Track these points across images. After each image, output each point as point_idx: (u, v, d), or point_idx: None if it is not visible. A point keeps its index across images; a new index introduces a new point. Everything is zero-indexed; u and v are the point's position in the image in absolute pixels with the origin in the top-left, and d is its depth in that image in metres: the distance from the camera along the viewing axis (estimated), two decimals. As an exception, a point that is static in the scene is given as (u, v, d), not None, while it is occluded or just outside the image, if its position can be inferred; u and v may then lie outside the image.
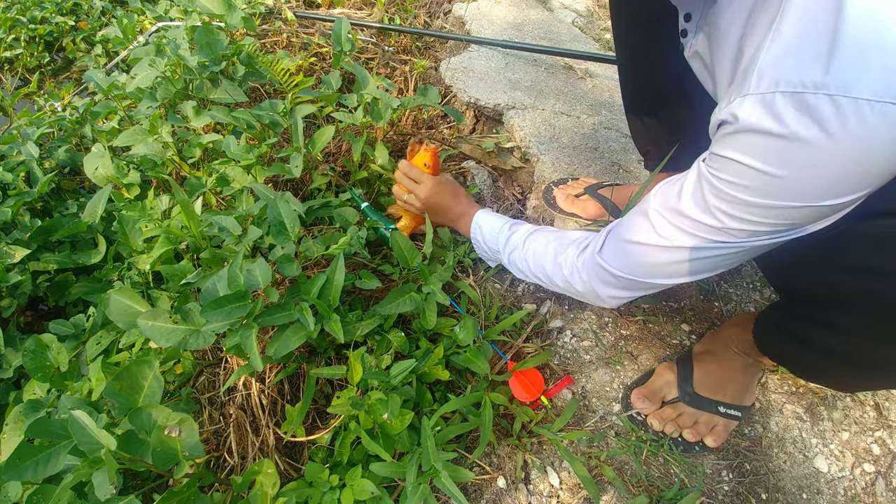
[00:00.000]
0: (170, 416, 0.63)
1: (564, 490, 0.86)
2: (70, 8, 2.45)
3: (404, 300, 0.88)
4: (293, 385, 0.94)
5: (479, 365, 0.89)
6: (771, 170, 0.48)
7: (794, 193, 0.49)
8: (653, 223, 0.65)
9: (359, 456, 0.82)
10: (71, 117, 1.43)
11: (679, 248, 0.63)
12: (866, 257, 0.51)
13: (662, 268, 0.68)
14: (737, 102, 0.49)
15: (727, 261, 0.62)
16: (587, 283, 0.79)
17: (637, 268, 0.71)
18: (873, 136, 0.43)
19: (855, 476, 0.87)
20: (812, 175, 0.47)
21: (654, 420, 0.90)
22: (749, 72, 0.49)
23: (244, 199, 1.01)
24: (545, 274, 0.87)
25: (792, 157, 0.47)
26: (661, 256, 0.66)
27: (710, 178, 0.55)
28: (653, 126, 1.01)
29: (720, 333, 0.92)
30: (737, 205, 0.53)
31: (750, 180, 0.51)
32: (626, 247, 0.71)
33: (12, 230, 1.11)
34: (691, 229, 0.60)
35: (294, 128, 1.06)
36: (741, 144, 0.50)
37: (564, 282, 0.83)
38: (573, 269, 0.81)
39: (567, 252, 0.83)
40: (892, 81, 0.41)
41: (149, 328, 0.71)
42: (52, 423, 0.60)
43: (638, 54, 0.95)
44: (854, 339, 0.57)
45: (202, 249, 0.91)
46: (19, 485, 0.68)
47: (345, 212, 1.04)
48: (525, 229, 0.94)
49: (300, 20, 1.88)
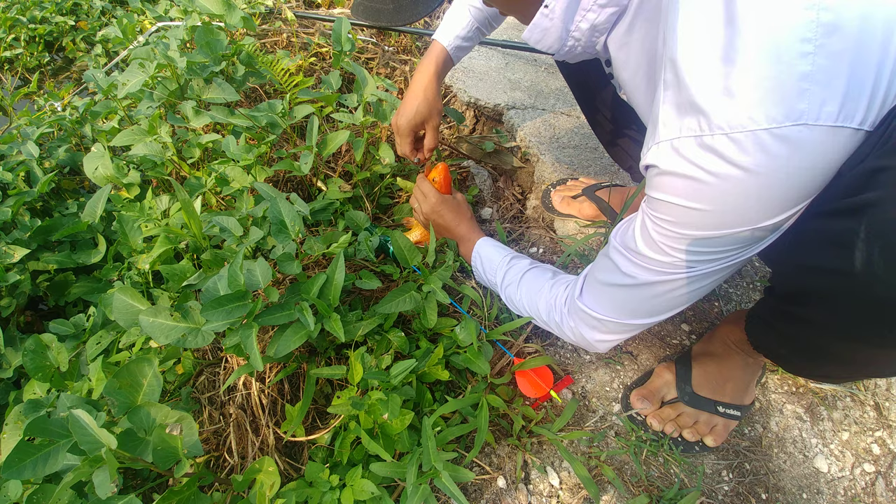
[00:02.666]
0: (169, 414, 0.63)
1: (564, 490, 0.86)
2: (70, 8, 2.45)
3: (404, 299, 0.88)
4: (293, 385, 0.94)
5: (480, 365, 0.89)
6: (696, 205, 0.52)
7: (725, 222, 0.53)
8: (617, 264, 0.67)
9: (359, 456, 0.82)
10: (71, 117, 1.44)
11: (647, 285, 0.65)
12: (821, 257, 0.52)
13: (638, 305, 0.70)
14: (653, 150, 0.54)
15: (699, 289, 0.64)
16: (575, 329, 0.80)
17: (615, 309, 0.72)
18: (780, 160, 0.47)
19: (855, 476, 0.87)
20: (735, 204, 0.51)
21: (653, 420, 0.90)
22: (655, 122, 0.53)
23: (244, 199, 1.01)
24: (539, 315, 0.88)
25: (710, 192, 0.51)
26: (633, 294, 0.68)
27: (651, 217, 0.59)
28: (625, 144, 1.05)
29: (718, 332, 0.92)
30: (679, 239, 0.57)
31: (681, 216, 0.55)
32: (601, 289, 0.73)
33: (12, 230, 1.11)
34: (651, 266, 0.63)
35: (309, 129, 1.06)
36: (665, 186, 0.54)
37: (557, 326, 0.84)
38: (562, 315, 0.82)
39: (557, 297, 0.84)
40: (787, 107, 0.45)
41: (149, 324, 0.71)
42: (51, 422, 0.60)
43: (592, 101, 1.02)
44: (824, 333, 0.58)
45: (202, 249, 0.91)
46: (19, 484, 0.68)
47: (355, 215, 1.05)
48: (522, 267, 0.94)
49: (300, 20, 1.89)
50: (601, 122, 1.05)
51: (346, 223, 1.04)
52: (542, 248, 1.21)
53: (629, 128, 0.99)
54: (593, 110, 1.04)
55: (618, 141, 1.03)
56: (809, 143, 0.46)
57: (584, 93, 1.03)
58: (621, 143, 1.03)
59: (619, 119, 0.99)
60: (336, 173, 1.26)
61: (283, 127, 1.10)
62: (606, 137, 1.07)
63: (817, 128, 0.45)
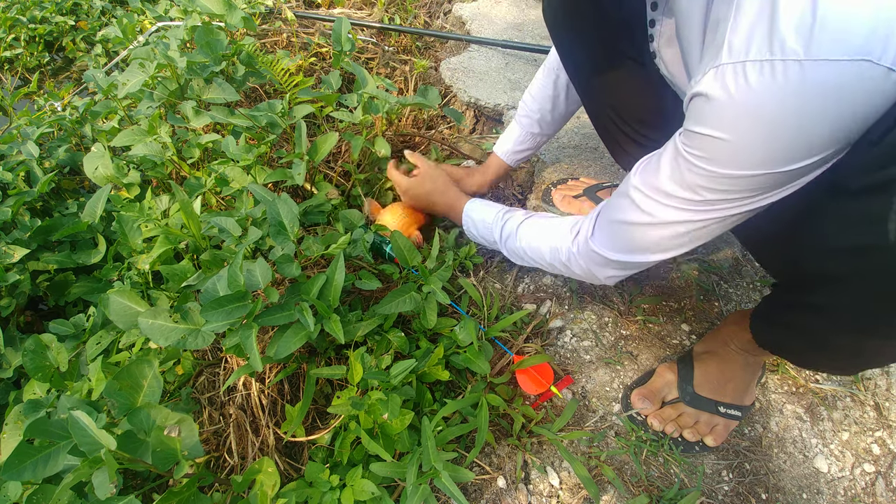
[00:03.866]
0: (169, 415, 0.63)
1: (564, 490, 0.86)
2: (70, 8, 2.45)
3: (404, 299, 0.88)
4: (293, 385, 0.94)
5: (480, 365, 0.89)
6: (740, 137, 0.51)
7: (751, 159, 0.52)
8: (636, 202, 0.67)
9: (359, 456, 0.82)
10: (71, 117, 1.43)
11: (665, 224, 0.65)
12: (848, 237, 0.51)
13: (653, 244, 0.69)
14: (709, 75, 0.52)
15: (710, 231, 0.64)
16: (584, 268, 0.81)
17: (629, 247, 0.72)
18: (840, 92, 0.45)
19: (855, 476, 0.87)
20: (780, 137, 0.50)
21: (654, 420, 0.90)
22: (719, 45, 0.51)
23: (244, 200, 1.00)
24: (544, 261, 0.89)
25: (760, 122, 0.49)
26: (649, 233, 0.68)
27: (685, 153, 0.58)
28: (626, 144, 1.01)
29: (719, 332, 0.92)
30: (710, 177, 0.56)
31: (720, 151, 0.54)
32: (615, 228, 0.73)
33: (12, 230, 1.11)
34: (674, 204, 0.62)
35: (297, 134, 1.06)
36: (713, 115, 0.53)
37: (563, 266, 0.85)
38: (569, 255, 0.82)
39: (561, 238, 0.84)
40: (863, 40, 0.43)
41: (148, 326, 0.71)
42: (51, 423, 0.60)
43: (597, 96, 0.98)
44: (838, 320, 0.58)
45: (202, 250, 0.91)
46: (19, 484, 0.68)
47: (350, 214, 1.05)
48: (518, 217, 0.95)
49: (300, 20, 1.88)
50: (604, 118, 1.03)
51: (341, 222, 1.04)
52: (542, 248, 1.21)
53: (632, 127, 0.98)
54: (597, 106, 1.02)
55: (617, 137, 1.02)
56: (869, 82, 0.44)
57: (588, 87, 1.01)
58: (621, 140, 1.02)
59: (625, 116, 0.98)
60: (336, 172, 1.26)
61: (283, 127, 1.10)
62: (605, 132, 1.06)
63: (878, 67, 0.44)
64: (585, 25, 0.85)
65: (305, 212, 1.05)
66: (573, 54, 0.94)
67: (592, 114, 1.04)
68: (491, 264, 1.18)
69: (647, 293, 1.11)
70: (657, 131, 0.94)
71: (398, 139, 1.48)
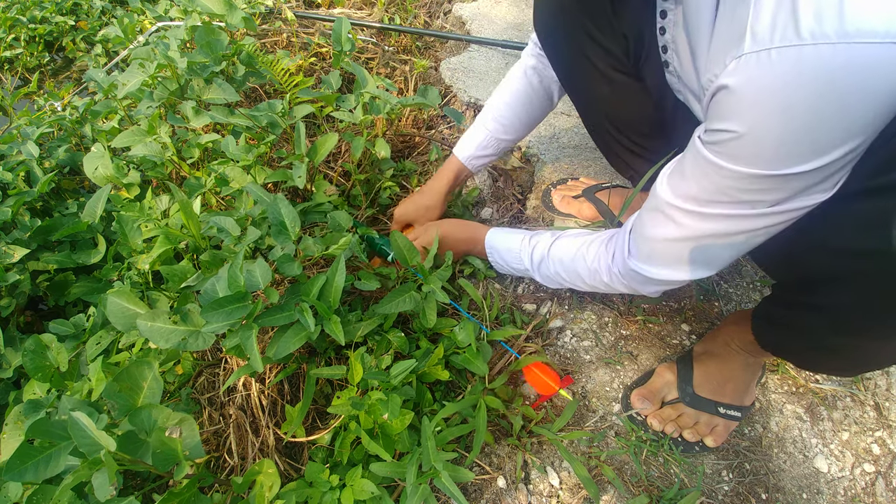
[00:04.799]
0: (170, 416, 0.63)
1: (564, 490, 0.86)
2: (70, 8, 2.45)
3: (404, 299, 0.88)
4: (293, 385, 0.94)
5: (479, 366, 0.89)
6: (749, 129, 0.49)
7: (783, 152, 0.49)
8: (671, 216, 0.63)
9: (359, 456, 0.82)
10: (71, 117, 1.43)
11: (705, 236, 0.61)
12: (851, 239, 0.51)
13: (696, 258, 0.66)
14: (732, 66, 0.49)
15: (755, 239, 0.60)
16: (628, 286, 0.78)
17: (672, 265, 0.69)
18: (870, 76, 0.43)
19: (855, 476, 0.87)
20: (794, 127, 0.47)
21: (653, 420, 0.90)
22: (740, 35, 0.48)
23: (244, 200, 1.00)
24: (584, 282, 0.86)
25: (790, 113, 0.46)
26: (691, 247, 0.64)
27: (708, 155, 0.54)
28: (624, 154, 1.01)
29: (719, 332, 0.92)
30: (739, 178, 0.53)
31: (747, 147, 0.50)
32: (653, 246, 0.69)
33: (12, 230, 1.11)
34: (711, 211, 0.58)
35: (296, 135, 1.05)
36: (729, 109, 0.50)
37: (606, 286, 0.82)
38: (611, 275, 0.79)
39: (599, 259, 0.81)
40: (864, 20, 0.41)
41: (148, 329, 0.71)
42: (52, 424, 0.60)
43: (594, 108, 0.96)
44: (841, 321, 0.57)
45: (202, 250, 0.91)
46: (19, 485, 0.68)
47: (338, 216, 1.03)
48: (545, 240, 0.91)
49: (300, 20, 1.88)
50: (601, 130, 1.01)
51: (330, 226, 1.02)
52: (542, 248, 1.21)
53: (630, 138, 0.96)
54: (594, 119, 1.00)
55: (616, 149, 1.01)
56: None
57: (584, 99, 0.99)
58: (619, 151, 1.00)
59: (622, 128, 0.95)
60: (336, 173, 1.26)
61: (283, 127, 1.10)
62: (604, 144, 1.05)
63: None
64: (581, 38, 0.83)
65: (304, 211, 1.05)
66: (568, 66, 0.91)
67: (589, 125, 1.03)
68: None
69: (647, 293, 1.11)
70: (655, 142, 0.93)
71: (398, 139, 1.48)
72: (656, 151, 0.93)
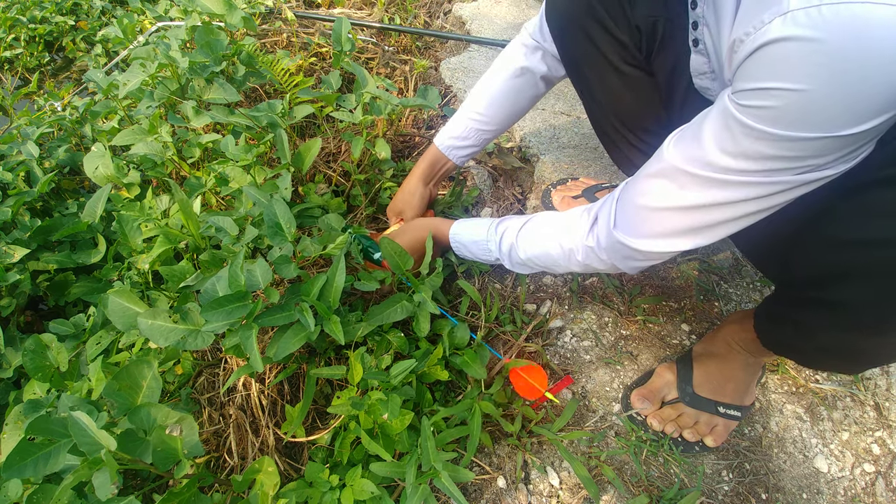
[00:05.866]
0: (169, 415, 0.63)
1: (564, 490, 0.86)
2: (70, 8, 2.45)
3: (396, 309, 0.88)
4: (293, 385, 0.94)
5: (476, 369, 0.88)
6: (796, 86, 0.46)
7: (819, 116, 0.47)
8: (676, 183, 0.60)
9: (359, 456, 0.82)
10: (71, 117, 1.43)
11: (709, 206, 0.59)
12: (868, 230, 0.50)
13: (691, 230, 0.63)
14: (777, 22, 0.46)
15: (760, 211, 0.58)
16: (607, 262, 0.74)
17: (664, 236, 0.65)
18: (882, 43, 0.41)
19: (855, 476, 0.87)
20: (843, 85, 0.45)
21: (653, 420, 0.90)
22: None
23: (244, 200, 1.00)
24: (557, 265, 0.83)
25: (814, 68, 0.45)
26: (691, 218, 0.61)
27: (740, 116, 0.51)
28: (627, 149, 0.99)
29: (719, 332, 0.92)
30: (773, 140, 0.50)
31: (782, 107, 0.48)
32: (647, 215, 0.65)
33: (12, 230, 1.11)
34: (727, 178, 0.55)
35: (279, 146, 1.04)
36: (774, 66, 0.47)
37: (581, 265, 0.79)
38: (587, 252, 0.76)
39: (572, 236, 0.78)
40: None
41: (148, 327, 0.71)
42: (52, 422, 0.60)
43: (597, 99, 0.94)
44: (854, 314, 0.56)
45: (202, 250, 0.91)
46: (20, 484, 0.68)
47: (329, 218, 1.03)
48: (514, 226, 0.89)
49: (300, 20, 1.88)
50: (607, 125, 0.99)
51: (322, 229, 1.01)
52: (542, 248, 1.21)
53: (636, 135, 0.94)
54: (601, 113, 0.98)
55: (620, 144, 1.01)
56: None
57: (592, 94, 0.96)
58: (623, 147, 0.99)
59: (629, 125, 0.93)
60: (336, 173, 1.26)
61: (283, 127, 1.10)
62: (608, 139, 1.03)
63: None
64: (594, 29, 0.81)
65: (299, 213, 1.05)
66: (578, 57, 0.90)
67: (595, 120, 1.01)
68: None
69: (647, 293, 1.11)
70: (659, 139, 0.91)
71: (398, 139, 1.48)
72: None
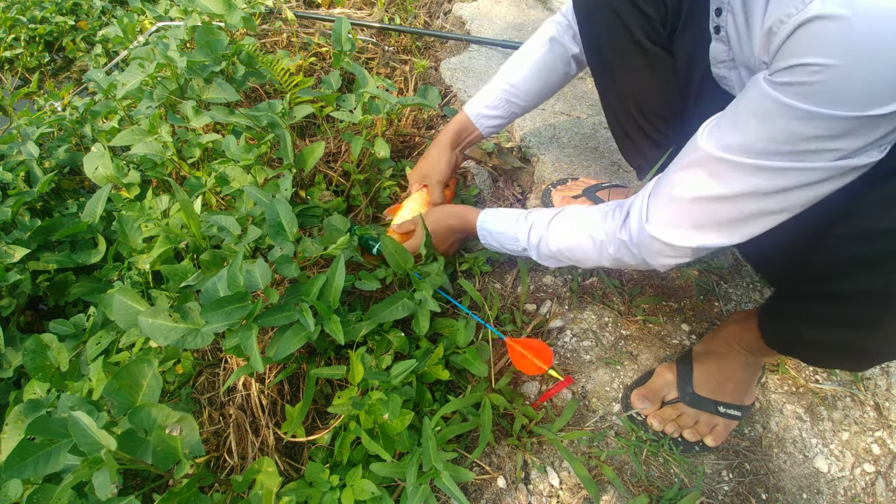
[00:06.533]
0: (169, 414, 0.63)
1: (564, 490, 0.86)
2: (70, 8, 2.45)
3: (397, 307, 0.88)
4: (293, 385, 0.94)
5: (478, 367, 0.89)
6: (830, 61, 0.46)
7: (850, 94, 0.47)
8: (712, 172, 0.58)
9: (359, 456, 0.82)
10: (71, 117, 1.43)
11: (747, 195, 0.57)
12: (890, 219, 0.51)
13: (728, 222, 0.61)
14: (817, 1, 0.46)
15: (792, 206, 0.57)
16: (638, 257, 0.72)
17: (696, 229, 0.63)
18: None
19: (855, 476, 0.87)
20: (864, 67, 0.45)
21: (653, 420, 0.90)
22: None
23: (244, 199, 1.00)
24: (588, 258, 0.81)
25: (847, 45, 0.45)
26: (725, 209, 0.59)
27: (780, 96, 0.51)
28: (639, 139, 0.98)
29: (720, 332, 0.92)
30: (815, 120, 0.49)
31: (825, 84, 0.48)
32: (681, 207, 0.63)
33: (12, 230, 1.11)
34: (761, 161, 0.54)
35: (283, 146, 1.04)
36: (819, 41, 0.47)
37: (612, 259, 0.77)
38: (619, 246, 0.74)
39: (604, 229, 0.76)
40: None
41: (148, 325, 0.71)
42: (52, 421, 0.60)
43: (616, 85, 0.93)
44: (863, 306, 0.56)
45: (202, 249, 0.91)
46: (20, 484, 0.68)
47: (334, 220, 1.03)
48: (544, 218, 0.87)
49: (300, 20, 1.88)
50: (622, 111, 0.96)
51: (326, 230, 1.01)
52: (542, 248, 1.21)
53: (652, 123, 0.92)
54: (618, 97, 0.95)
55: (631, 131, 0.96)
56: None
57: (612, 76, 0.93)
58: (634, 134, 0.96)
59: (646, 111, 0.91)
60: (336, 173, 1.26)
61: (283, 127, 1.10)
62: (620, 128, 1.00)
63: None
64: (621, 6, 0.79)
65: (300, 213, 1.05)
66: (602, 33, 0.87)
67: (610, 105, 0.98)
68: (495, 265, 1.18)
69: (647, 293, 1.11)
70: (672, 129, 0.91)
71: (398, 139, 1.48)
72: (670, 140, 0.92)
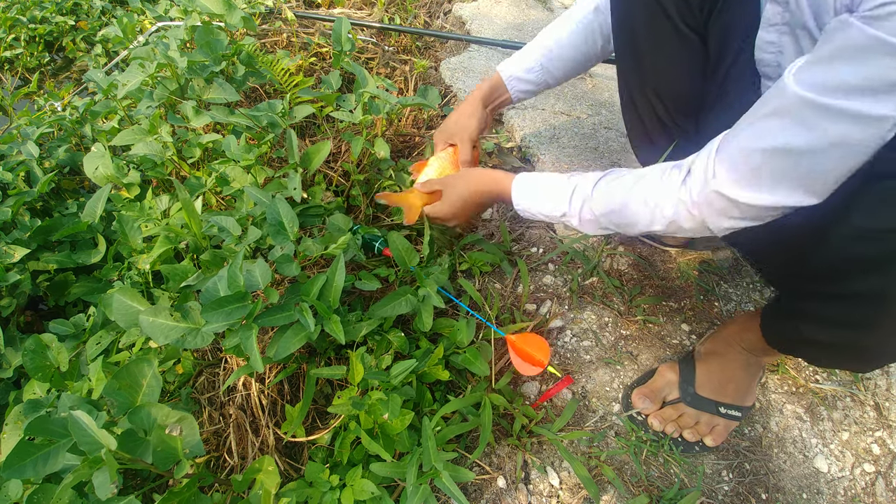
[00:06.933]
0: (169, 414, 0.63)
1: (564, 490, 0.86)
2: (70, 8, 2.45)
3: (401, 302, 0.88)
4: (293, 385, 0.94)
5: (478, 366, 0.89)
6: None
7: None
8: (799, 118, 0.54)
9: (359, 456, 0.82)
10: (71, 117, 1.43)
11: (834, 147, 0.53)
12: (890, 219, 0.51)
13: (808, 178, 0.57)
14: None
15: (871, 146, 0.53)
16: (697, 218, 0.67)
17: (772, 185, 0.58)
18: None
19: (855, 476, 0.87)
20: None
21: (654, 420, 0.90)
22: None
23: (245, 199, 1.00)
24: (636, 219, 0.75)
25: None
26: (808, 162, 0.55)
27: (874, 32, 0.48)
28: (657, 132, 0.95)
29: (722, 332, 0.92)
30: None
31: None
32: (756, 160, 0.58)
33: (12, 230, 1.11)
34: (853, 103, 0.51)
35: (288, 145, 1.04)
36: None
37: (666, 222, 0.71)
38: (677, 207, 0.69)
39: (662, 189, 0.71)
40: None
41: (149, 324, 0.71)
42: (51, 422, 0.60)
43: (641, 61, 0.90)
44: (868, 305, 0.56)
45: (202, 249, 0.91)
46: (20, 484, 0.68)
47: (337, 219, 1.03)
48: (589, 179, 0.82)
49: (300, 20, 1.88)
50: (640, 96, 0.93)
51: (329, 229, 1.01)
52: (542, 248, 1.21)
53: (669, 111, 0.90)
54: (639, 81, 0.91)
55: (646, 117, 0.93)
56: None
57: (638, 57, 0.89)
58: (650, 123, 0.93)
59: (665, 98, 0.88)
60: (336, 173, 1.26)
61: (284, 127, 1.10)
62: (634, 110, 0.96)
63: None
64: None
65: (301, 213, 1.05)
66: (637, 20, 0.84)
67: (627, 86, 0.95)
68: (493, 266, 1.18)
69: (647, 293, 1.11)
70: (689, 122, 0.90)
71: (398, 139, 1.48)
72: (685, 133, 0.91)
